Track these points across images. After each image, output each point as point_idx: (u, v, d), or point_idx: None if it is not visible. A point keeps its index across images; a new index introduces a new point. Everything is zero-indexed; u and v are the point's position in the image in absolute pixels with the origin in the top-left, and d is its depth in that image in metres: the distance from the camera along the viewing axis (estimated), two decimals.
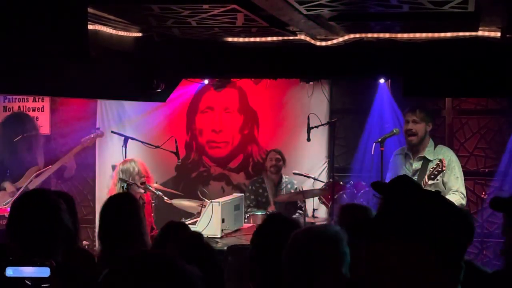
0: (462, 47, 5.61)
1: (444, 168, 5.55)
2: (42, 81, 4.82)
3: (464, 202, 5.74)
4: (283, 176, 7.47)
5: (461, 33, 5.34)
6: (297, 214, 7.23)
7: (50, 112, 8.27)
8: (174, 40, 5.91)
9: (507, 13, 4.47)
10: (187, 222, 6.17)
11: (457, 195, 5.70)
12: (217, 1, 4.11)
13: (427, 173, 5.63)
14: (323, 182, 7.34)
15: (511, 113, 7.54)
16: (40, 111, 8.14)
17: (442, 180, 5.74)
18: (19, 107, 8.03)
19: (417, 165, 5.91)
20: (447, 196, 5.52)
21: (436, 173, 5.56)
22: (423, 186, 5.45)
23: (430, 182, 5.60)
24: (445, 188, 5.72)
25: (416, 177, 5.80)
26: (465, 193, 5.83)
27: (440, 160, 5.60)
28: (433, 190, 4.87)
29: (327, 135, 7.78)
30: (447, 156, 5.84)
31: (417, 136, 5.91)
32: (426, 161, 5.85)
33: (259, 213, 6.86)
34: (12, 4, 3.36)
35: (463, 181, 5.88)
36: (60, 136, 8.41)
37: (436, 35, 5.45)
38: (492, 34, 5.26)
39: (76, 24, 3.88)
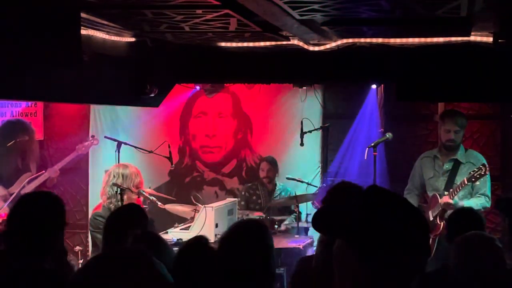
0: (455, 52, 5.63)
1: (487, 172, 5.73)
2: (34, 87, 4.81)
3: (488, 205, 5.91)
4: (278, 184, 7.48)
5: (453, 38, 5.36)
6: (290, 218, 7.23)
7: (43, 118, 8.25)
8: (167, 45, 5.90)
9: (499, 18, 4.49)
10: (180, 227, 6.18)
11: (482, 198, 5.86)
12: (210, 6, 4.12)
13: (468, 175, 5.76)
14: (316, 187, 7.34)
15: (503, 118, 7.57)
16: (33, 116, 8.11)
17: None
18: (11, 112, 8.00)
19: (448, 166, 6.05)
20: (473, 198, 5.85)
21: (478, 176, 5.70)
22: (461, 187, 5.73)
23: (469, 184, 5.77)
24: (472, 190, 5.90)
25: (445, 177, 5.99)
26: (490, 196, 5.96)
27: (484, 165, 5.76)
28: (464, 191, 4.97)
29: (321, 140, 7.79)
30: (481, 160, 6.00)
31: (457, 143, 6.06)
32: (457, 163, 6.01)
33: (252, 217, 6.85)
34: (4, 10, 3.35)
35: (490, 185, 6.02)
36: (53, 142, 8.40)
37: (428, 40, 5.47)
38: (484, 39, 5.28)
39: (69, 29, 3.88)
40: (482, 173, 5.68)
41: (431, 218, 5.87)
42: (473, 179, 5.70)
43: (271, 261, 2.91)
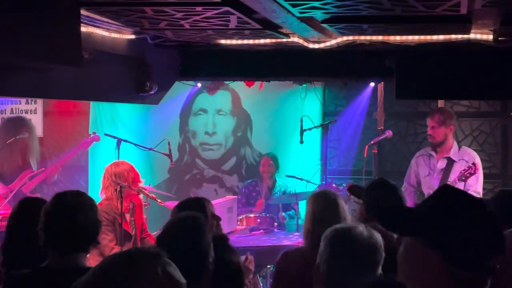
0: (455, 49, 5.62)
1: (477, 171, 5.82)
2: (35, 84, 4.81)
3: None
4: (277, 180, 7.48)
5: (453, 36, 5.35)
6: (289, 216, 7.23)
7: (43, 114, 8.25)
8: (167, 42, 5.90)
9: (499, 16, 4.49)
10: None
11: (474, 194, 5.84)
12: (210, 3, 4.11)
13: (458, 174, 5.87)
14: (316, 184, 7.35)
15: (503, 115, 7.57)
16: (33, 113, 8.12)
17: None
18: (11, 109, 8.00)
19: (441, 164, 6.12)
20: None
21: (467, 175, 5.81)
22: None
23: (460, 183, 5.83)
24: (463, 187, 5.89)
25: (440, 175, 6.05)
26: (481, 194, 6.01)
27: (474, 164, 5.86)
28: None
29: (320, 138, 7.79)
30: (473, 157, 6.07)
31: (436, 139, 6.14)
32: (450, 161, 6.08)
33: (252, 215, 6.86)
34: (3, 7, 3.35)
35: (482, 183, 6.06)
36: (53, 139, 8.40)
37: (428, 37, 5.46)
38: (485, 37, 5.27)
39: (69, 26, 3.88)
40: (472, 172, 5.79)
41: None
42: (463, 178, 5.81)
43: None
